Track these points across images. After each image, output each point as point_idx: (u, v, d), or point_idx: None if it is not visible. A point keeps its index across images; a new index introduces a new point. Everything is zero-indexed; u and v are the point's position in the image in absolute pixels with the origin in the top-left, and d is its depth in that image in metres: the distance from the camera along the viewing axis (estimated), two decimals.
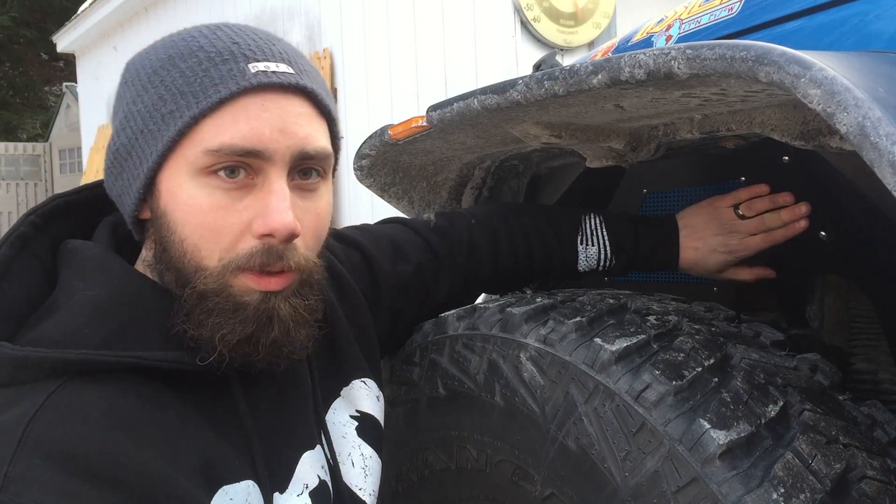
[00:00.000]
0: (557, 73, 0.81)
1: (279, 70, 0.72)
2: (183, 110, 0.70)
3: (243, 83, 0.70)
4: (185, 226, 0.71)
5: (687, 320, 0.88)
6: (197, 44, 0.72)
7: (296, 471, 0.78)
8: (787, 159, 0.98)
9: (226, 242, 0.71)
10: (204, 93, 0.69)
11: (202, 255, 0.71)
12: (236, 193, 0.71)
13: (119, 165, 0.74)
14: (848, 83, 0.57)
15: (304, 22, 5.42)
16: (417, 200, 1.30)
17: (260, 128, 0.70)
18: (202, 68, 0.70)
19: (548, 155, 1.24)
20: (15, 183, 12.89)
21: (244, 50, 0.72)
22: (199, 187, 0.70)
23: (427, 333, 1.03)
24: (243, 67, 0.70)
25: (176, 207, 0.71)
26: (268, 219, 0.70)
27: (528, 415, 0.86)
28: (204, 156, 0.69)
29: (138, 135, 0.72)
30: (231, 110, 0.70)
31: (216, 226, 0.70)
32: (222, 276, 0.71)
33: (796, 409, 0.76)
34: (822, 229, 0.96)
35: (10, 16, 13.83)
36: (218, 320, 0.71)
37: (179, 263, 0.72)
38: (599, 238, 1.11)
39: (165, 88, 0.71)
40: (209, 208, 0.70)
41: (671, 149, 1.05)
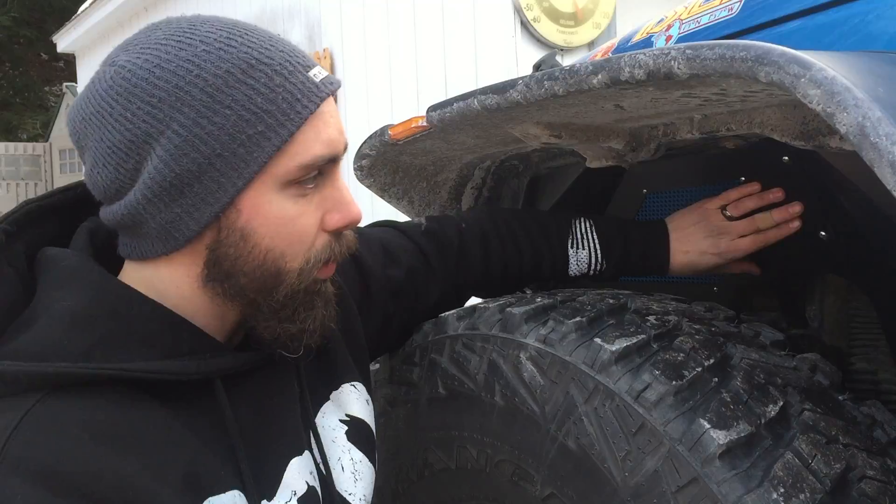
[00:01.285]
0: (557, 73, 0.81)
1: (326, 74, 0.75)
2: (276, 129, 0.70)
3: (322, 94, 0.73)
4: (274, 237, 0.73)
5: (687, 320, 0.88)
6: (249, 55, 0.70)
7: (284, 477, 0.77)
8: (786, 159, 0.98)
9: (308, 243, 0.75)
10: (292, 109, 0.71)
11: (286, 260, 0.74)
12: (311, 196, 0.74)
13: (177, 192, 0.70)
14: (848, 83, 0.57)
15: (304, 22, 5.42)
16: (417, 200, 1.30)
17: (333, 134, 0.74)
18: (276, 83, 0.70)
19: (548, 155, 1.24)
20: (15, 183, 12.90)
21: (296, 58, 0.73)
22: (287, 198, 0.73)
23: (427, 333, 1.03)
24: (308, 77, 0.73)
25: (264, 222, 0.72)
26: (344, 213, 0.76)
27: (528, 415, 0.86)
28: (298, 170, 0.72)
29: (213, 158, 0.69)
30: (312, 122, 0.72)
31: (303, 231, 0.74)
32: (310, 273, 0.76)
33: (796, 409, 0.76)
34: (822, 229, 0.96)
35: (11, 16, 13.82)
36: (309, 312, 0.77)
37: (256, 273, 0.74)
38: (590, 242, 1.11)
39: (243, 108, 0.69)
40: (297, 215, 0.74)
41: (671, 149, 1.05)
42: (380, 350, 1.06)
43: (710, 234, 1.07)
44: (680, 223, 1.10)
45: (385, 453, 1.10)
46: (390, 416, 1.08)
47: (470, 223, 1.11)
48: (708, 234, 1.07)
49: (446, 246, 1.08)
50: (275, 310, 0.76)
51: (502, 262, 1.10)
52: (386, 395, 1.09)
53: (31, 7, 14.42)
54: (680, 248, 1.09)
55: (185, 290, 0.75)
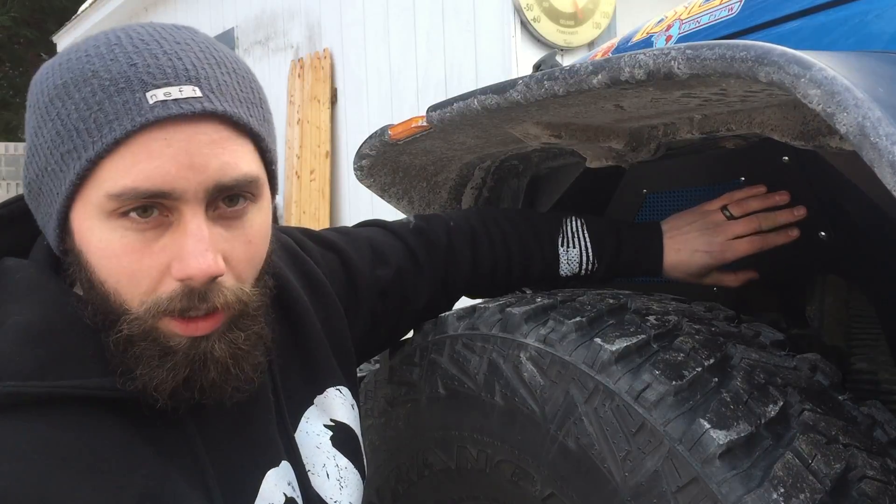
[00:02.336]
0: (557, 73, 0.81)
1: (182, 96, 0.64)
2: (80, 151, 0.63)
3: (139, 119, 0.62)
4: (102, 270, 0.66)
5: (687, 320, 0.88)
6: (92, 68, 0.64)
7: (259, 490, 0.74)
8: (786, 159, 0.98)
9: (144, 286, 0.66)
10: (99, 131, 0.63)
11: (122, 299, 0.66)
12: (151, 234, 0.65)
13: (35, 199, 0.69)
14: (848, 83, 0.57)
15: (304, 22, 5.42)
16: (417, 200, 1.30)
17: (164, 166, 0.63)
18: (96, 100, 0.63)
19: (548, 155, 1.24)
20: (15, 183, 12.88)
21: (141, 74, 0.64)
22: (111, 230, 0.65)
23: (427, 333, 1.03)
24: (140, 98, 0.63)
25: (89, 250, 0.66)
26: (183, 263, 0.64)
27: (528, 415, 0.86)
28: (107, 200, 0.63)
29: (43, 172, 0.67)
30: (131, 149, 0.63)
31: (132, 270, 0.65)
32: (145, 320, 0.66)
33: (796, 409, 0.76)
34: (822, 229, 0.96)
35: (11, 16, 13.82)
36: (147, 370, 0.66)
37: (104, 305, 0.67)
38: (580, 240, 1.09)
39: (62, 123, 0.64)
40: (123, 252, 0.65)
41: (671, 149, 1.05)
42: (368, 352, 1.04)
43: (705, 232, 1.05)
44: (676, 223, 1.08)
45: (385, 453, 1.10)
46: (390, 416, 1.08)
47: (458, 221, 1.09)
48: (703, 232, 1.05)
49: (435, 245, 1.05)
50: (118, 354, 0.67)
51: (492, 260, 1.08)
52: (386, 395, 1.09)
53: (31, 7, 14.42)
54: (673, 245, 1.07)
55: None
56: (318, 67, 5.23)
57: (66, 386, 0.64)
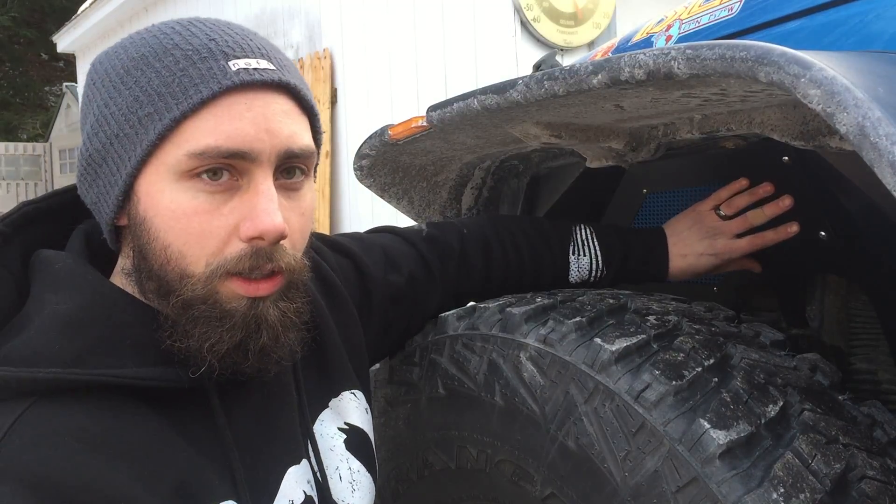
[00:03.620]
0: (557, 73, 0.81)
1: (260, 67, 0.69)
2: (162, 112, 0.66)
3: (226, 82, 0.67)
4: (169, 232, 0.68)
5: (687, 320, 0.88)
6: (171, 41, 0.69)
7: (281, 486, 0.75)
8: (787, 159, 0.98)
9: (212, 247, 0.68)
10: (184, 93, 0.66)
11: (187, 262, 0.68)
12: (221, 196, 0.68)
13: (93, 172, 0.71)
14: (848, 83, 0.57)
15: (304, 22, 5.42)
16: (417, 200, 1.30)
17: (244, 128, 0.67)
18: (179, 67, 0.67)
19: (548, 155, 1.24)
20: (15, 183, 12.90)
21: (222, 47, 0.69)
22: (182, 191, 0.67)
23: (427, 333, 1.03)
24: (224, 65, 0.67)
25: (157, 213, 0.68)
26: (256, 221, 0.68)
27: (528, 415, 0.86)
28: (187, 159, 0.66)
29: (113, 139, 0.68)
30: (213, 111, 0.67)
31: (201, 230, 0.68)
32: (210, 281, 0.68)
33: (796, 409, 0.76)
34: (822, 229, 0.96)
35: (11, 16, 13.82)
36: (205, 329, 0.68)
37: (162, 271, 0.69)
38: (591, 248, 1.10)
39: (141, 90, 0.67)
40: (193, 212, 0.67)
41: (671, 149, 1.05)
42: (378, 356, 1.05)
43: (706, 236, 1.07)
44: (675, 228, 1.10)
45: (385, 453, 1.10)
46: (390, 416, 1.08)
47: (472, 229, 1.09)
48: (704, 236, 1.07)
49: (447, 253, 1.06)
50: (175, 318, 0.69)
51: (504, 269, 1.09)
52: (386, 395, 1.09)
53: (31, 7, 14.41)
54: (678, 252, 1.09)
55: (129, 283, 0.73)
56: (318, 67, 5.23)
57: (105, 374, 0.66)
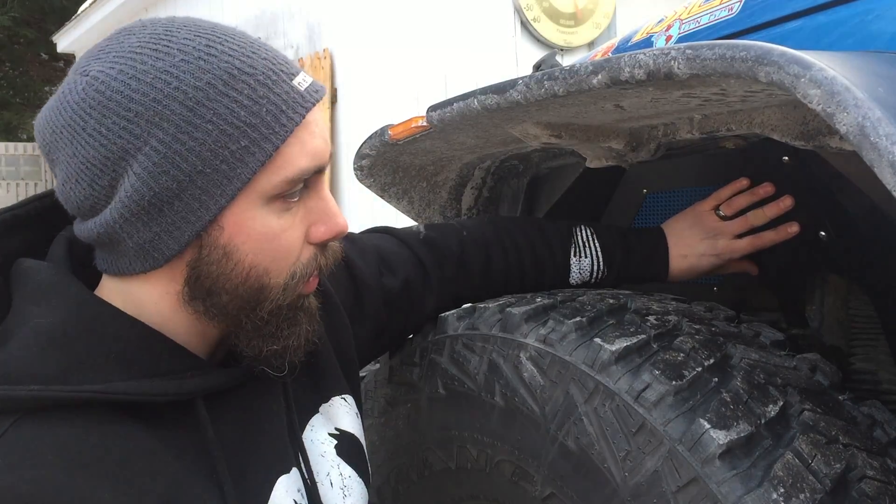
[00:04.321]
0: (557, 73, 0.81)
1: (312, 81, 0.72)
2: (260, 144, 0.67)
3: (307, 105, 0.70)
4: (259, 254, 0.71)
5: (687, 320, 0.88)
6: (231, 65, 0.67)
7: (271, 497, 0.75)
8: (787, 159, 0.98)
9: (293, 256, 0.73)
10: (277, 122, 0.68)
11: (270, 276, 0.72)
12: (293, 209, 0.72)
13: (156, 211, 0.67)
14: (848, 83, 0.57)
15: (304, 22, 5.42)
16: (417, 200, 1.30)
17: (319, 144, 0.72)
18: (259, 95, 0.67)
19: (548, 155, 1.24)
20: (15, 183, 12.89)
21: (278, 66, 0.70)
22: (271, 214, 0.70)
23: (427, 333, 1.03)
24: (293, 87, 0.70)
25: (247, 239, 0.70)
26: (332, 223, 0.74)
27: (528, 415, 0.86)
28: (284, 184, 0.69)
29: (195, 176, 0.66)
30: (298, 134, 0.69)
31: (288, 245, 0.72)
32: (295, 288, 0.74)
33: (796, 409, 0.76)
34: (822, 229, 0.96)
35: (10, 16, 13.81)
36: (294, 328, 0.75)
37: (237, 291, 0.71)
38: (592, 249, 1.10)
39: (225, 122, 0.66)
40: (281, 231, 0.71)
41: (671, 149, 1.05)
42: (369, 358, 1.05)
43: (707, 236, 1.07)
44: (675, 228, 1.10)
45: (385, 453, 1.10)
46: (390, 416, 1.08)
47: (471, 231, 1.09)
48: (704, 237, 1.07)
49: (446, 256, 1.05)
50: (258, 327, 0.73)
51: (504, 271, 1.08)
52: (386, 395, 1.09)
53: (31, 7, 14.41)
54: (678, 252, 1.09)
55: (164, 308, 0.72)
56: (318, 67, 5.23)
57: (89, 391, 0.64)
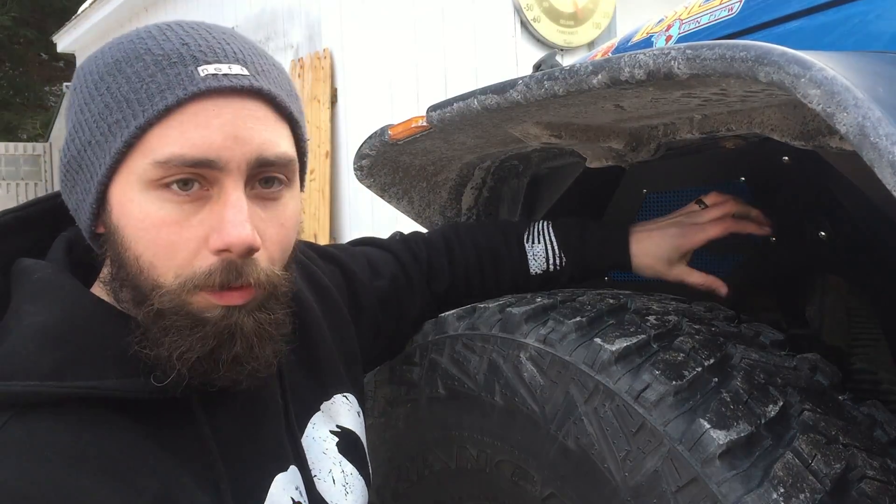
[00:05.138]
0: (557, 73, 0.81)
1: (232, 72, 0.67)
2: (129, 119, 0.65)
3: (191, 88, 0.65)
4: (139, 242, 0.67)
5: (687, 320, 0.88)
6: (144, 46, 0.67)
7: (268, 495, 0.75)
8: (786, 159, 0.98)
9: (181, 259, 0.67)
10: (150, 100, 0.65)
11: (158, 273, 0.67)
12: (190, 207, 0.66)
13: (72, 178, 0.70)
14: (848, 83, 0.57)
15: (304, 22, 5.42)
16: (417, 200, 1.30)
17: (211, 136, 0.65)
18: (148, 73, 0.66)
19: (548, 155, 1.24)
20: (15, 183, 12.89)
21: (194, 51, 0.67)
22: (151, 201, 0.66)
23: (427, 333, 1.03)
24: (192, 71, 0.66)
25: (128, 223, 0.67)
26: (223, 233, 0.66)
27: (528, 415, 0.86)
28: (153, 168, 0.65)
29: (86, 146, 0.68)
30: (179, 118, 0.65)
31: (170, 242, 0.66)
32: (179, 294, 0.67)
33: (796, 409, 0.76)
34: (822, 229, 0.96)
35: (10, 16, 13.81)
36: (175, 338, 0.67)
37: (136, 281, 0.68)
38: (545, 236, 1.10)
39: (111, 96, 0.66)
40: (162, 223, 0.66)
41: (671, 149, 1.05)
42: (370, 361, 1.05)
43: (677, 219, 1.06)
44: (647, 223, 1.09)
45: (385, 453, 1.10)
46: (390, 416, 1.08)
47: (432, 235, 1.14)
48: (674, 219, 1.06)
49: (418, 255, 1.09)
50: (147, 327, 0.68)
51: (464, 264, 1.11)
52: (386, 395, 1.09)
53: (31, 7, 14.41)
54: (642, 232, 1.07)
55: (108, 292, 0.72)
56: (318, 67, 5.23)
57: (84, 387, 0.65)
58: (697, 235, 1.03)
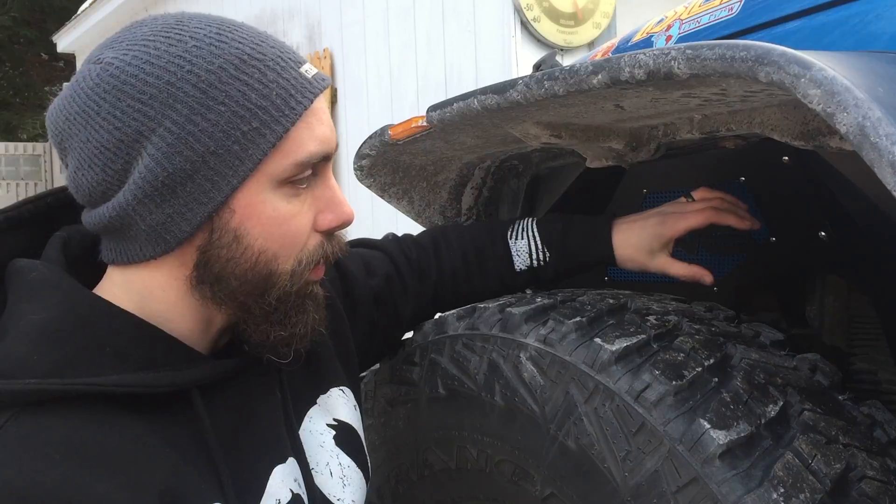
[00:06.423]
0: (557, 73, 0.81)
1: (317, 71, 0.75)
2: (271, 126, 0.69)
3: (314, 91, 0.72)
4: (268, 238, 0.72)
5: (687, 320, 0.88)
6: (241, 51, 0.70)
7: (267, 486, 0.76)
8: (787, 159, 0.98)
9: (300, 243, 0.74)
10: (287, 105, 0.70)
11: (279, 262, 0.73)
12: (302, 196, 0.74)
13: (169, 192, 0.68)
14: (848, 83, 0.57)
15: (304, 22, 5.42)
16: (417, 200, 1.30)
17: (326, 131, 0.74)
18: (269, 79, 0.70)
19: (548, 155, 1.24)
20: (15, 183, 12.89)
21: (286, 54, 0.73)
22: (280, 198, 0.72)
23: (427, 333, 1.03)
24: (301, 74, 0.72)
25: (258, 222, 0.71)
26: (338, 212, 0.76)
27: (528, 415, 0.86)
28: (293, 167, 0.71)
29: (207, 156, 0.68)
30: (307, 119, 0.72)
31: (296, 231, 0.74)
32: (301, 275, 0.75)
33: (796, 409, 0.76)
34: (822, 229, 0.96)
35: (11, 16, 13.79)
36: (300, 317, 0.76)
37: (249, 275, 0.72)
38: (528, 231, 1.12)
39: (237, 104, 0.68)
40: (290, 216, 0.73)
41: (671, 149, 1.05)
42: (366, 361, 1.06)
43: (660, 212, 1.06)
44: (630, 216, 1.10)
45: (385, 453, 1.10)
46: (390, 415, 1.08)
47: (421, 236, 1.16)
48: (657, 211, 1.06)
49: (409, 256, 1.11)
50: (266, 313, 0.74)
51: (450, 261, 1.12)
52: (386, 395, 1.09)
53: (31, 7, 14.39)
54: (624, 224, 1.08)
55: (171, 294, 0.73)
56: (318, 67, 5.22)
57: (84, 383, 0.65)
58: (678, 223, 1.03)
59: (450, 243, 1.13)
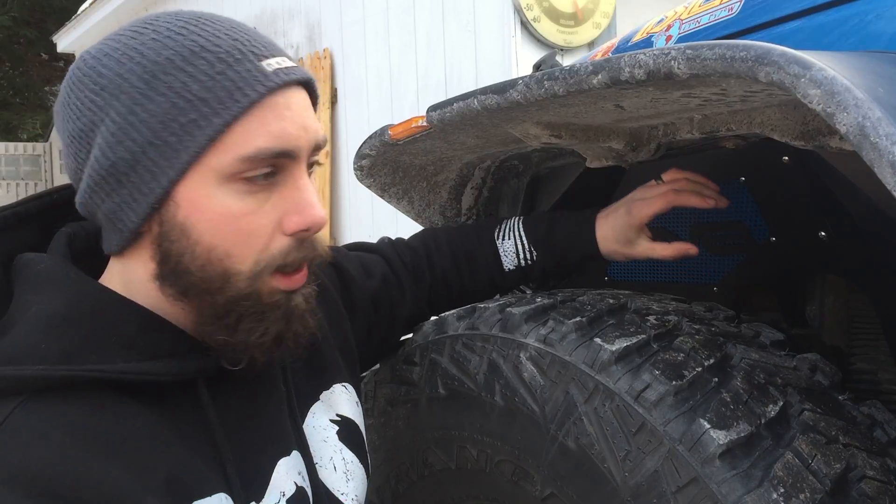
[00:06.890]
0: (557, 73, 0.81)
1: (289, 65, 0.72)
2: (209, 118, 0.67)
3: (268, 84, 0.69)
4: (216, 234, 0.69)
5: (687, 320, 0.88)
6: (194, 43, 0.68)
7: (272, 478, 0.76)
8: (787, 159, 0.98)
9: (260, 244, 0.70)
10: (230, 97, 0.67)
11: (232, 261, 0.70)
12: (262, 195, 0.70)
13: (115, 181, 0.69)
14: (848, 83, 0.57)
15: (304, 22, 5.42)
16: (417, 200, 1.30)
17: (287, 127, 0.70)
18: (216, 71, 0.67)
19: (548, 155, 1.24)
20: (15, 183, 12.89)
21: (248, 47, 0.70)
22: (229, 194, 0.69)
23: (427, 333, 1.04)
24: (259, 67, 0.69)
25: (203, 217, 0.69)
26: (304, 215, 0.71)
27: (528, 415, 0.86)
28: (238, 163, 0.68)
29: (146, 147, 0.67)
30: (258, 113, 0.68)
31: (250, 230, 0.70)
32: (256, 279, 0.71)
33: (796, 409, 0.76)
34: (822, 229, 0.96)
35: (11, 16, 13.79)
36: (251, 324, 0.71)
37: (202, 272, 0.70)
38: (514, 231, 1.13)
39: (177, 95, 0.66)
40: (242, 213, 0.69)
41: (671, 149, 1.05)
42: (365, 362, 1.06)
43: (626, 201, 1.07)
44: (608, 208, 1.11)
45: (385, 453, 1.10)
46: (390, 416, 1.08)
47: (413, 240, 1.16)
48: (624, 201, 1.08)
49: (403, 259, 1.12)
50: (217, 315, 0.71)
51: (441, 264, 1.13)
52: (386, 395, 1.09)
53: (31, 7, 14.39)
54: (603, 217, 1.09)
55: (151, 289, 0.73)
56: (318, 67, 5.23)
57: (92, 370, 0.66)
58: (643, 210, 1.05)
59: (440, 246, 1.14)
